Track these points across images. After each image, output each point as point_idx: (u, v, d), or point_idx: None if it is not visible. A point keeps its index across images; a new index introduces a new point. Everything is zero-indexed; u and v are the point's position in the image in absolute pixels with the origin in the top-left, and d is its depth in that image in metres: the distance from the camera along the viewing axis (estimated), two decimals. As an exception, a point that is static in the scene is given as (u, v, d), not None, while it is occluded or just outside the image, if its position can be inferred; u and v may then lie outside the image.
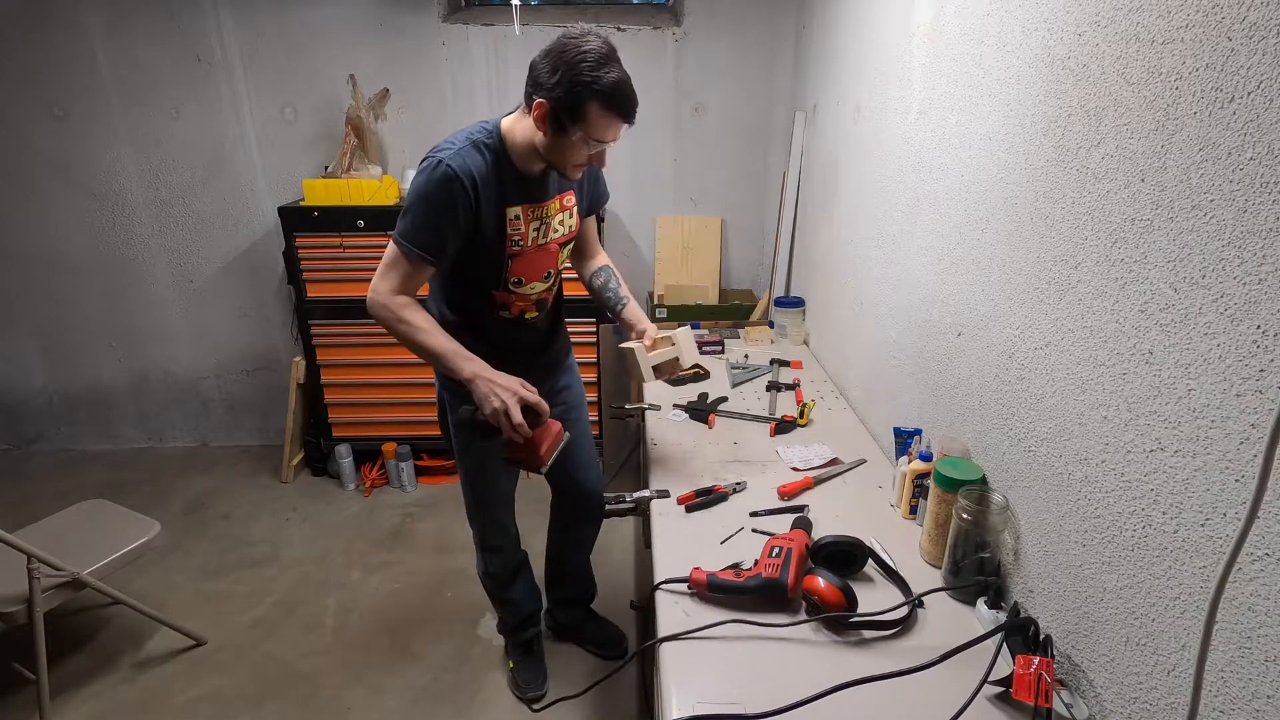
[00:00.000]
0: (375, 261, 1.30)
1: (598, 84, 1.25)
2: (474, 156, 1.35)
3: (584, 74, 1.24)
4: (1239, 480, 0.73)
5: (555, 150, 1.35)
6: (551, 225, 1.50)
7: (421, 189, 1.33)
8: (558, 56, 1.25)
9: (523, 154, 1.39)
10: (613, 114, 1.29)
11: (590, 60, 1.24)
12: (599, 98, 1.26)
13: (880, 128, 1.79)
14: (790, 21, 2.78)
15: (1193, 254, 0.79)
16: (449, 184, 1.31)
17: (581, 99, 1.26)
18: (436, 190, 1.31)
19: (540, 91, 1.28)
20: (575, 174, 1.43)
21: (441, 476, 3.06)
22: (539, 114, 1.30)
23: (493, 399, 1.32)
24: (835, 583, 1.09)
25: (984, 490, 1.20)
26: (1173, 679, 0.83)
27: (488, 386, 1.33)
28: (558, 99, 1.26)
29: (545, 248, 1.50)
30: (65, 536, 1.94)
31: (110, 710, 1.91)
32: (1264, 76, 0.69)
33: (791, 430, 1.79)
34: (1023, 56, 1.13)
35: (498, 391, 1.32)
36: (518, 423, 1.31)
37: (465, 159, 1.33)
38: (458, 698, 1.94)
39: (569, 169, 1.39)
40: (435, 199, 1.32)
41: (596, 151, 1.36)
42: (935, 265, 1.46)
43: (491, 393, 1.32)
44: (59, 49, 2.76)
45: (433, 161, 1.32)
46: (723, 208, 3.08)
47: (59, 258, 3.05)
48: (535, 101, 1.29)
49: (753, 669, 1.04)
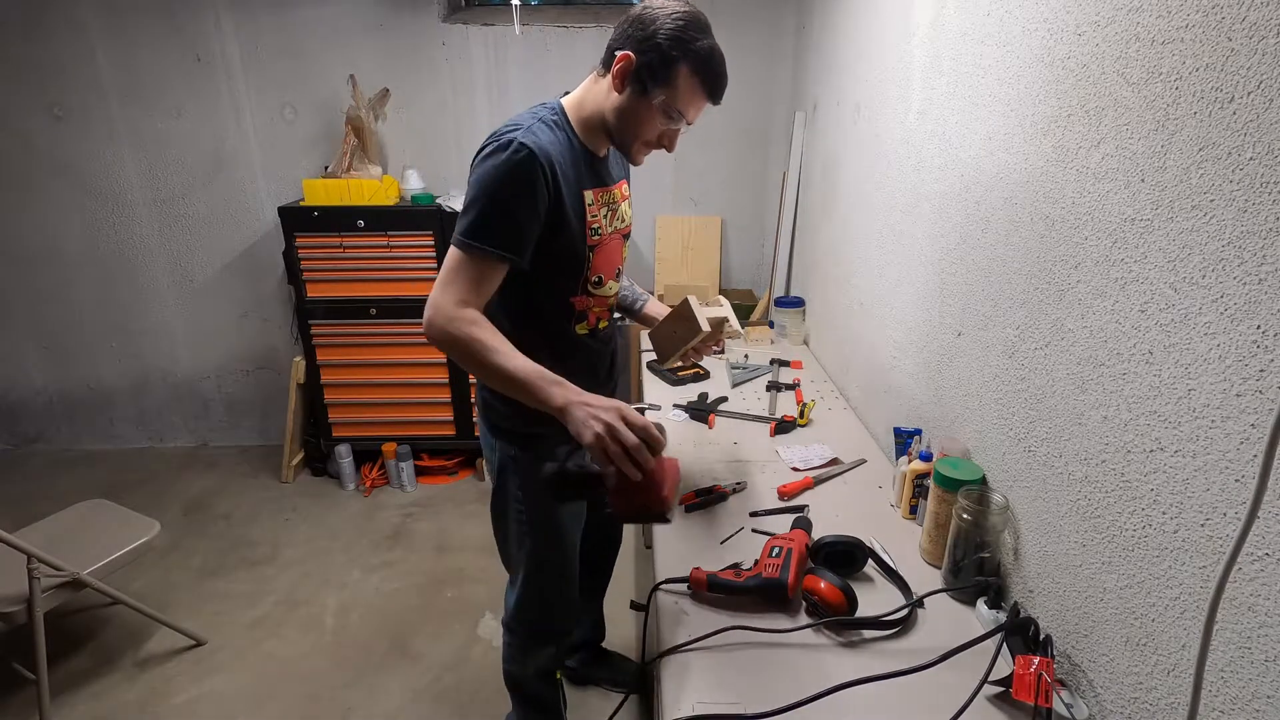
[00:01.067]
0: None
1: (694, 44, 1.13)
2: (547, 133, 1.16)
3: (681, 32, 1.13)
4: (1239, 480, 0.73)
5: (628, 117, 1.19)
6: (619, 212, 1.32)
7: (492, 174, 1.11)
8: (656, 11, 1.14)
9: (590, 130, 1.23)
10: (701, 85, 1.17)
11: (692, 23, 1.14)
12: (692, 60, 1.14)
13: (880, 127, 1.78)
14: (790, 21, 2.78)
15: (1193, 254, 0.79)
16: (528, 165, 1.11)
17: (673, 58, 1.13)
18: (513, 173, 1.10)
19: (628, 43, 1.14)
20: (641, 156, 1.27)
21: (441, 476, 3.06)
22: (621, 67, 1.14)
23: (595, 424, 1.02)
24: (835, 583, 1.09)
25: (984, 490, 1.20)
26: (1173, 679, 0.83)
27: (586, 412, 1.04)
28: (647, 52, 1.13)
29: (614, 238, 1.32)
30: (65, 536, 1.94)
31: (110, 710, 1.91)
32: (1264, 76, 0.69)
33: (791, 430, 1.79)
34: (1023, 56, 1.13)
35: (601, 415, 1.02)
36: (634, 445, 1.00)
37: (539, 136, 1.14)
38: (458, 698, 1.94)
39: (636, 146, 1.24)
40: (511, 183, 1.11)
41: (669, 131, 1.22)
42: (935, 265, 1.46)
43: (592, 417, 1.03)
44: (59, 49, 2.76)
45: (501, 142, 1.11)
46: (723, 208, 3.08)
47: (59, 258, 3.05)
48: (619, 54, 1.14)
49: (752, 669, 1.04)
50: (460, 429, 2.97)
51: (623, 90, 1.17)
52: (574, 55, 2.81)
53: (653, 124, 1.20)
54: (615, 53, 1.16)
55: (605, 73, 1.19)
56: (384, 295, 2.77)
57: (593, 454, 1.03)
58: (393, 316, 2.79)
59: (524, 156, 1.10)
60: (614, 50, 1.17)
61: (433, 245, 2.70)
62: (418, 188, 2.77)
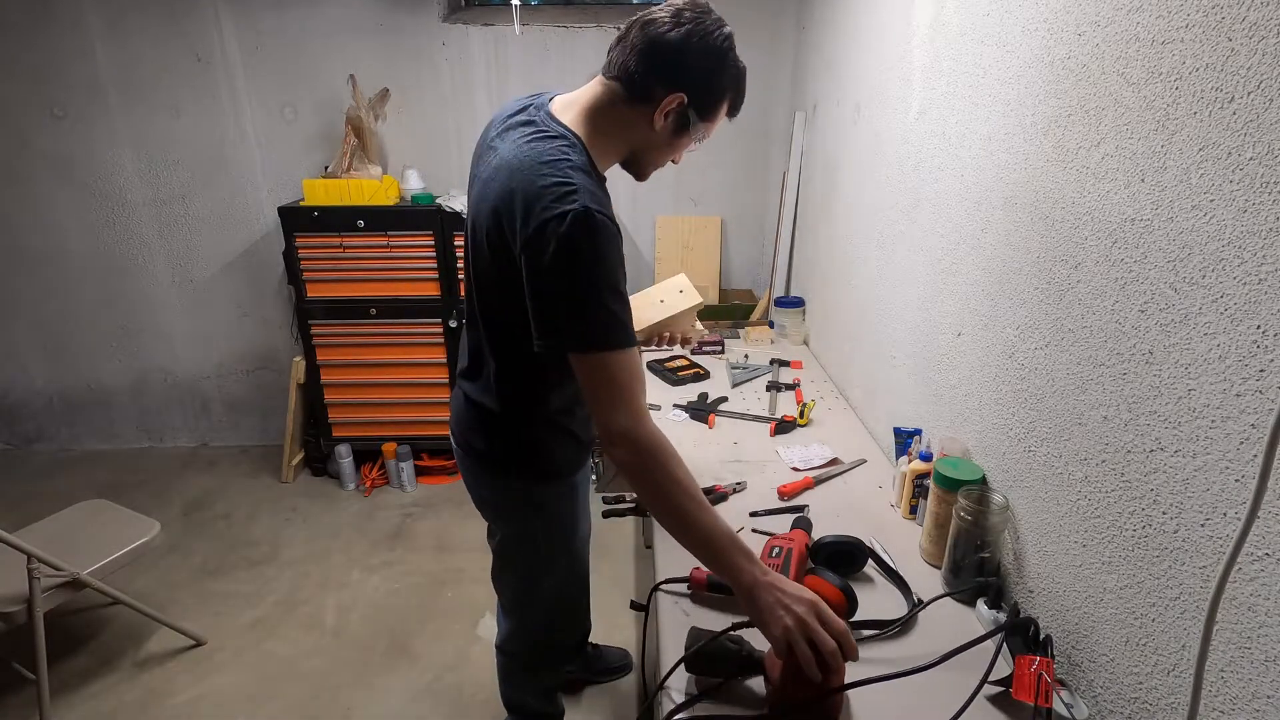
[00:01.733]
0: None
1: (737, 72, 1.06)
2: (596, 189, 1.02)
3: (733, 64, 1.04)
4: (1239, 480, 0.73)
5: (658, 150, 1.12)
6: None
7: (590, 256, 0.96)
8: (704, 36, 1.01)
9: (604, 154, 1.11)
10: (732, 110, 1.11)
11: (731, 43, 1.04)
12: (733, 90, 1.08)
13: (880, 128, 1.79)
14: (790, 21, 2.78)
15: (1193, 254, 0.79)
16: (617, 238, 1.00)
17: (722, 92, 1.06)
18: (611, 249, 0.98)
19: (680, 82, 1.03)
20: (647, 176, 1.21)
21: (442, 476, 3.06)
22: (673, 108, 1.05)
23: (787, 616, 0.90)
24: (836, 583, 1.09)
25: (984, 490, 1.20)
26: (1173, 679, 0.83)
27: (776, 598, 0.92)
28: (698, 92, 1.04)
29: None
30: (65, 536, 1.94)
31: (110, 710, 1.91)
32: (1264, 76, 0.69)
33: (791, 430, 1.79)
34: (1023, 56, 1.13)
35: (794, 609, 0.90)
36: (830, 651, 0.88)
37: (599, 196, 1.00)
38: (458, 698, 1.94)
39: (649, 171, 1.18)
40: (613, 259, 0.99)
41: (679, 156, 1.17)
42: (935, 265, 1.46)
43: (783, 607, 0.91)
44: (59, 49, 2.75)
45: (578, 212, 0.94)
46: (723, 207, 3.08)
47: (59, 257, 3.05)
48: (672, 96, 1.04)
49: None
50: (460, 429, 2.97)
51: (665, 128, 1.08)
52: (574, 55, 2.81)
53: (679, 153, 1.16)
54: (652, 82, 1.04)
55: (631, 101, 1.06)
56: (384, 295, 2.77)
57: (775, 646, 0.92)
58: (393, 316, 2.79)
59: (610, 229, 0.98)
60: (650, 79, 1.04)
61: (432, 245, 2.70)
62: (418, 188, 2.76)
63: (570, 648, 1.58)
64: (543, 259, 0.96)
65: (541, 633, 1.48)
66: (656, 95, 1.05)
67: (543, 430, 1.23)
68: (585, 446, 1.34)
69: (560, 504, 1.32)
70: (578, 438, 1.30)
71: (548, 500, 1.31)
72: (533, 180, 0.98)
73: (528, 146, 1.03)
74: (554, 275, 0.97)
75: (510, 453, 1.25)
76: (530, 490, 1.29)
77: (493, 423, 1.23)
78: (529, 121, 1.08)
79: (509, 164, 1.02)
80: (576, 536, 1.39)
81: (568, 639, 1.55)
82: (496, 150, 1.08)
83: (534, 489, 1.29)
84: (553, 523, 1.33)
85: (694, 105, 1.06)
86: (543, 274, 0.97)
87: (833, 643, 0.88)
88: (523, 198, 0.98)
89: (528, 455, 1.25)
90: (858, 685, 0.93)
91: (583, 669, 1.96)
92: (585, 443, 1.33)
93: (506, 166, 1.03)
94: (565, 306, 0.98)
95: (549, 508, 1.32)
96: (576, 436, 1.29)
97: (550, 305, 0.99)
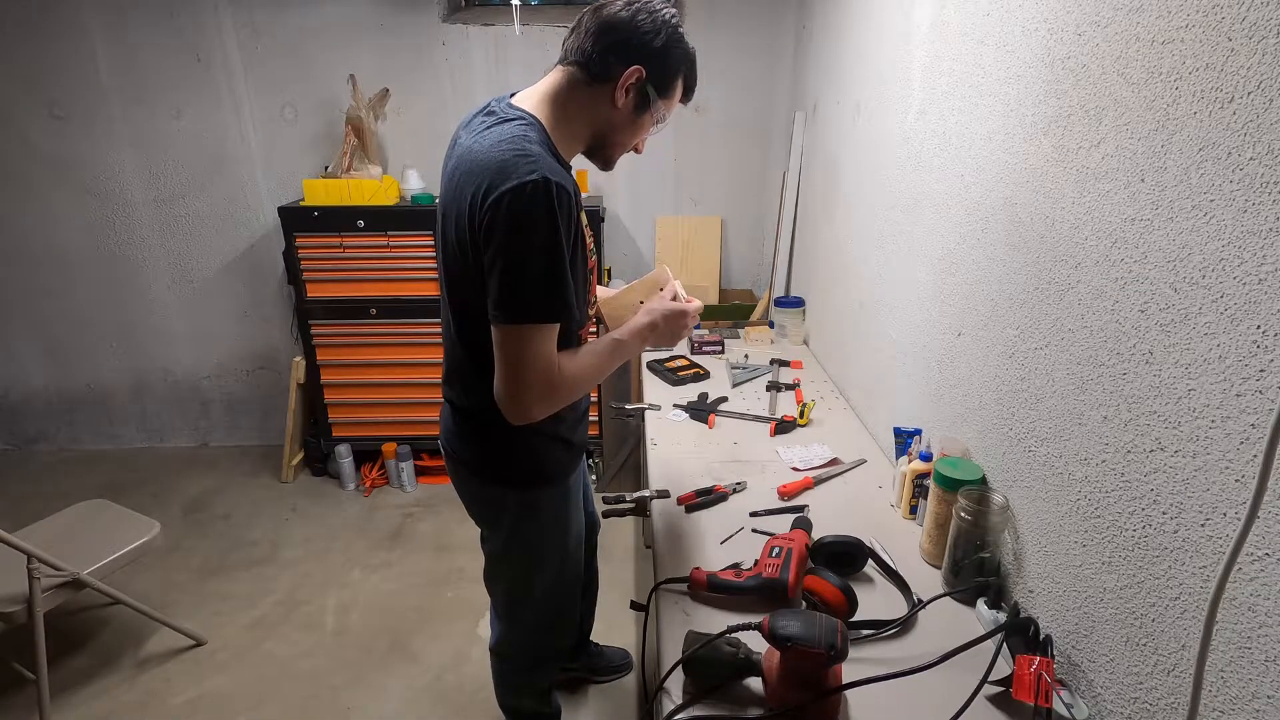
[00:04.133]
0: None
1: (687, 50, 1.12)
2: (552, 161, 1.03)
3: (680, 41, 1.10)
4: (1239, 480, 0.73)
5: (627, 128, 1.15)
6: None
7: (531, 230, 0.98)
8: (652, 14, 1.07)
9: (567, 140, 1.13)
10: (684, 89, 1.16)
11: (679, 24, 1.10)
12: (686, 68, 1.13)
13: (880, 127, 1.78)
14: (790, 21, 2.78)
15: (1193, 254, 0.79)
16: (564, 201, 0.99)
17: (676, 67, 1.11)
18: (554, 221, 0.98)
19: (635, 55, 1.07)
20: (613, 164, 1.22)
21: (442, 476, 3.05)
22: (632, 82, 1.08)
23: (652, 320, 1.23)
24: (836, 583, 1.09)
25: (984, 490, 1.20)
26: (1173, 679, 0.83)
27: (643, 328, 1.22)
28: (653, 64, 1.08)
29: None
30: (65, 536, 1.94)
31: (110, 710, 1.91)
32: (1264, 76, 0.69)
33: (791, 430, 1.79)
34: (1023, 56, 1.13)
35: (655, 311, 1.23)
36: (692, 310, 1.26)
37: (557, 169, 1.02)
38: (458, 698, 1.94)
39: (615, 156, 1.20)
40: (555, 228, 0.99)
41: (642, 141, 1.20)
42: (935, 265, 1.46)
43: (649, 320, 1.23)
44: (59, 49, 2.76)
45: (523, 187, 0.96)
46: (723, 207, 3.08)
47: (59, 258, 3.05)
48: (630, 69, 1.08)
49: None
50: (460, 429, 2.97)
51: (626, 105, 1.11)
52: (574, 55, 2.81)
53: (644, 132, 1.18)
54: (610, 59, 1.07)
55: (591, 80, 1.10)
56: (384, 295, 2.77)
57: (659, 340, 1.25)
58: (393, 316, 2.79)
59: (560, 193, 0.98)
60: (608, 57, 1.07)
61: (432, 245, 2.70)
62: (418, 188, 2.77)
63: (564, 650, 1.57)
64: (496, 228, 0.98)
65: (535, 636, 1.48)
66: (615, 72, 1.09)
67: (530, 435, 1.20)
68: (577, 450, 1.34)
69: (553, 509, 1.32)
70: (569, 442, 1.29)
71: (539, 505, 1.30)
72: (492, 158, 1.00)
73: (487, 132, 1.05)
74: (503, 242, 0.99)
75: (498, 459, 1.25)
76: (520, 496, 1.28)
77: (478, 428, 1.23)
78: (490, 113, 1.11)
79: (470, 150, 1.05)
80: (569, 539, 1.38)
81: (561, 642, 1.54)
82: (459, 143, 1.12)
83: (524, 495, 1.28)
84: (544, 528, 1.33)
85: (652, 80, 1.10)
86: (493, 243, 0.99)
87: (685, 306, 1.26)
88: (483, 176, 1.00)
89: (516, 461, 1.25)
90: (858, 685, 0.93)
91: (584, 669, 1.97)
92: (577, 446, 1.33)
93: (468, 154, 1.05)
94: (504, 275, 1.00)
95: (541, 514, 1.31)
96: (567, 441, 1.29)
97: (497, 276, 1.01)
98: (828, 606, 1.09)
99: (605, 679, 1.98)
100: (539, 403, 1.07)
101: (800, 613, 0.94)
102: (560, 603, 1.46)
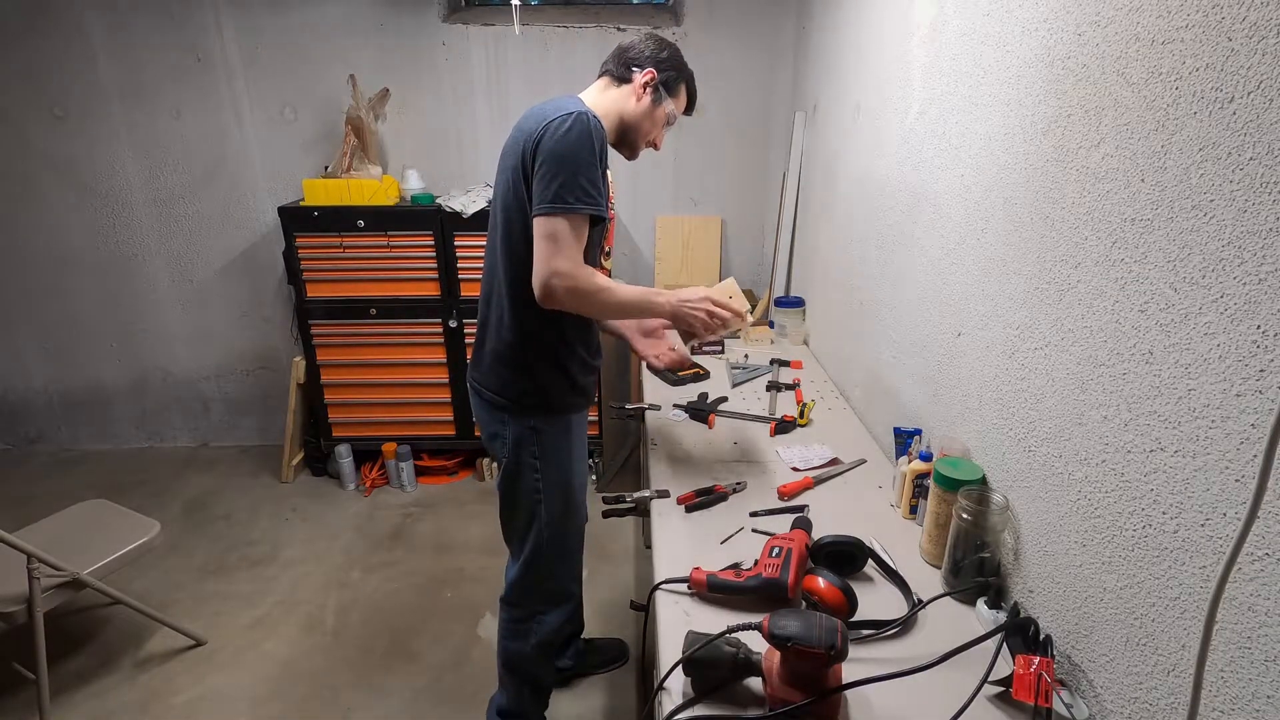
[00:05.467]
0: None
1: (690, 72, 1.49)
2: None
3: (681, 56, 1.48)
4: (1239, 480, 0.73)
5: (644, 120, 1.45)
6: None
7: (575, 143, 1.26)
8: (656, 39, 1.46)
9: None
10: (689, 101, 1.51)
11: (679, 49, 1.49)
12: (687, 78, 1.49)
13: (880, 127, 1.79)
14: (790, 21, 2.78)
15: (1193, 254, 0.79)
16: (600, 134, 1.30)
17: (681, 76, 1.47)
18: (591, 141, 1.27)
19: (647, 61, 1.44)
20: (637, 153, 1.52)
21: (441, 476, 3.06)
22: (647, 80, 1.43)
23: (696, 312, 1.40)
24: (836, 583, 1.09)
25: (984, 490, 1.20)
26: (1173, 679, 0.83)
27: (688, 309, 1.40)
28: (665, 70, 1.44)
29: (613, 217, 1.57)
30: (65, 536, 1.94)
31: (110, 710, 1.91)
32: (1264, 76, 0.69)
33: (791, 430, 1.79)
34: (1023, 56, 1.13)
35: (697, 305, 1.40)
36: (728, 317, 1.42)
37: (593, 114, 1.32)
38: (458, 698, 1.94)
39: (639, 145, 1.49)
40: (592, 147, 1.28)
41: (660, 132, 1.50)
42: (935, 265, 1.46)
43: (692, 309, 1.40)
44: (59, 49, 2.76)
45: (570, 115, 1.27)
46: (723, 207, 3.08)
47: (59, 258, 3.05)
48: (645, 71, 1.43)
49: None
50: (460, 429, 2.97)
51: (646, 98, 1.44)
52: (574, 55, 2.81)
53: (658, 126, 1.48)
54: (633, 67, 1.44)
55: (618, 82, 1.45)
56: (384, 295, 2.77)
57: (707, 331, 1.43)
58: (393, 316, 2.79)
59: (596, 126, 1.29)
60: (631, 65, 1.44)
61: (432, 245, 2.70)
62: (418, 188, 2.77)
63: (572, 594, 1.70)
64: (545, 142, 1.27)
65: (546, 574, 1.59)
66: (633, 76, 1.44)
67: (544, 366, 1.45)
68: (581, 392, 1.53)
69: (555, 437, 1.50)
70: (574, 383, 1.49)
71: (540, 430, 1.48)
72: (547, 109, 1.32)
73: (540, 105, 1.37)
74: (551, 150, 1.26)
75: (512, 386, 1.46)
76: (524, 420, 1.48)
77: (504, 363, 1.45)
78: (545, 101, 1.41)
79: (528, 113, 1.37)
80: (573, 475, 1.55)
81: (566, 587, 1.67)
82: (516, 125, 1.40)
83: (531, 419, 1.48)
84: (548, 452, 1.50)
85: (662, 82, 1.45)
86: (543, 153, 1.27)
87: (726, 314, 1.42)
88: (540, 119, 1.30)
89: (528, 389, 1.46)
90: (858, 685, 0.93)
91: (578, 663, 1.97)
92: (581, 388, 1.52)
93: (526, 114, 1.37)
94: (552, 178, 1.26)
95: (542, 437, 1.49)
96: (574, 382, 1.49)
97: (545, 180, 1.26)
98: (828, 606, 1.09)
99: (600, 671, 2.00)
100: (567, 283, 1.26)
101: (800, 613, 0.94)
102: (566, 542, 1.59)
